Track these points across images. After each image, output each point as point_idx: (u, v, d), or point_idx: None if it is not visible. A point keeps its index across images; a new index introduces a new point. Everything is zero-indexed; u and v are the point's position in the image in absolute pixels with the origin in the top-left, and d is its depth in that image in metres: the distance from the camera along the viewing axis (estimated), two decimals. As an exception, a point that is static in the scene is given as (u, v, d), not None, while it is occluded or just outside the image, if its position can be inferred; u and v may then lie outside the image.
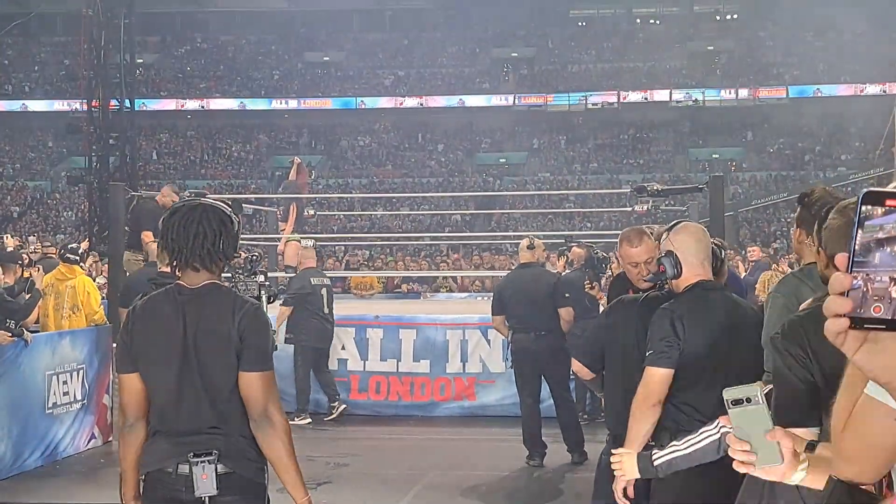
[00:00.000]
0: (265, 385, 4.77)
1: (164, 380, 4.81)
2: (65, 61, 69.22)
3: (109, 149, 35.54)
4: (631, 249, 7.05)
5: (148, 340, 4.87)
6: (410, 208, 48.34)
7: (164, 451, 4.80)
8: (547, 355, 12.33)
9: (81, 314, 14.07)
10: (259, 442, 4.77)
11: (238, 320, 4.75)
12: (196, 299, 4.82)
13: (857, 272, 1.71)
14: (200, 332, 4.78)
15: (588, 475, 7.61)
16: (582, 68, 73.49)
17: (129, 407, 4.94)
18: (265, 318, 4.95)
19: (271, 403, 4.77)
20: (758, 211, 54.15)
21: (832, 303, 1.74)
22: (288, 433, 4.81)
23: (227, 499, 4.74)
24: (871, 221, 1.70)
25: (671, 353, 5.63)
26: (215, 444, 4.73)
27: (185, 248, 4.79)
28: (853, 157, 62.35)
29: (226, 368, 4.76)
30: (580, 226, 47.06)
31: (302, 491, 4.86)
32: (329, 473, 11.89)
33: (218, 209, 4.90)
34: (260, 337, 4.81)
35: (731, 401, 3.09)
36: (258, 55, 75.62)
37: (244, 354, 4.74)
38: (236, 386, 4.75)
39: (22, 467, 12.05)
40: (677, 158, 67.92)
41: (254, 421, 4.75)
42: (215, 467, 4.69)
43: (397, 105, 71.59)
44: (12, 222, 59.09)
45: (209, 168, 70.05)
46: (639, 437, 5.70)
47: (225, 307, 4.81)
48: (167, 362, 4.80)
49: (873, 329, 1.73)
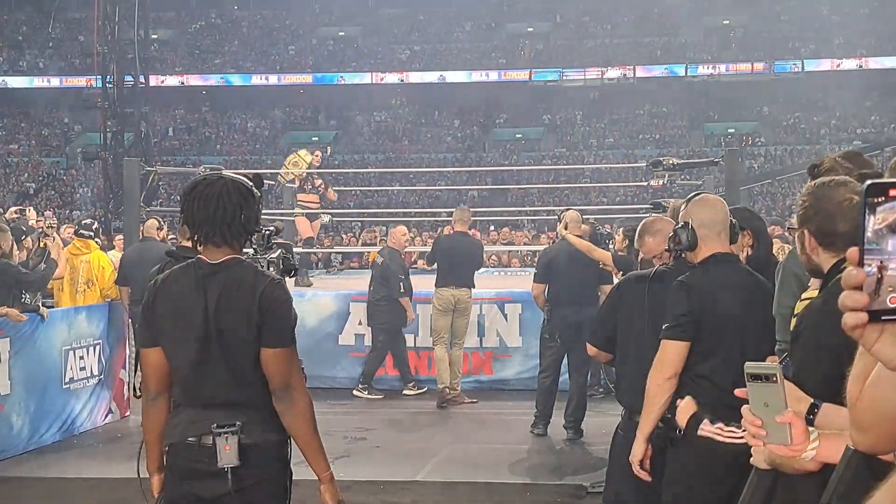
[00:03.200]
0: (286, 361, 4.76)
1: (186, 354, 4.80)
2: (79, 37, 69.15)
3: (124, 125, 35.56)
4: (649, 239, 7.14)
5: (169, 315, 4.85)
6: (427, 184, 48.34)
7: (187, 422, 4.82)
8: (584, 328, 12.32)
9: (96, 288, 14.14)
10: (281, 417, 4.77)
11: (259, 295, 4.72)
12: (217, 274, 4.79)
13: (868, 260, 1.69)
14: (221, 307, 4.76)
15: (605, 448, 7.60)
16: (598, 43, 73.25)
17: (151, 381, 4.95)
18: (286, 292, 4.89)
19: (293, 378, 4.77)
20: (773, 185, 54.06)
21: (847, 298, 1.72)
22: (310, 408, 4.81)
23: (249, 471, 4.73)
24: (879, 209, 1.69)
25: (687, 325, 5.61)
26: (237, 417, 4.74)
27: (206, 224, 4.77)
28: (869, 131, 62.16)
29: (247, 343, 4.74)
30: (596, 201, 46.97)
31: (324, 465, 4.85)
32: (347, 447, 11.92)
33: (238, 183, 4.86)
34: (281, 312, 4.78)
35: (751, 375, 3.09)
36: (272, 30, 75.51)
37: (265, 330, 4.72)
38: (258, 360, 4.74)
39: (39, 442, 12.11)
40: (693, 133, 67.73)
41: (275, 396, 4.75)
42: (238, 438, 4.69)
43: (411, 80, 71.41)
44: (28, 199, 59.07)
45: (224, 144, 70.01)
46: (655, 411, 5.69)
47: (246, 282, 4.78)
48: (188, 337, 4.78)
49: (890, 320, 1.72)
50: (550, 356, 12.72)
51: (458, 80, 70.73)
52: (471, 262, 14.63)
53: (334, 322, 15.61)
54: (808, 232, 3.99)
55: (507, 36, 74.28)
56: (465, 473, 10.83)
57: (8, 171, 66.25)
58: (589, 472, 10.78)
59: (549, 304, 12.68)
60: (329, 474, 4.86)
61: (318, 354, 14.62)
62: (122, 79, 35.42)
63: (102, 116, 35.67)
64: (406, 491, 10.19)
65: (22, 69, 72.70)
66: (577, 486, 10.30)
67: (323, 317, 15.41)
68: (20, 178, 65.48)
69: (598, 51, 72.04)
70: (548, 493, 10.15)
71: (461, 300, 14.33)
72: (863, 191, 1.69)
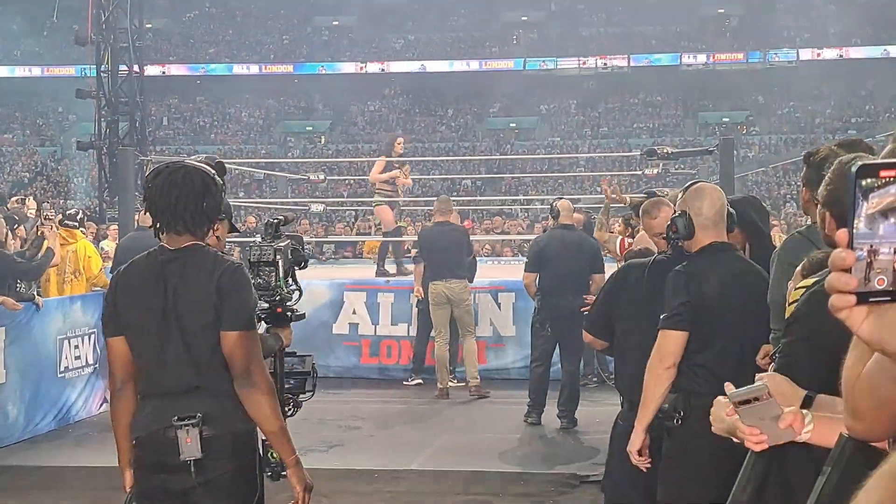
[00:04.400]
0: (245, 344, 4.71)
1: (147, 342, 4.80)
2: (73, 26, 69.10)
3: (119, 114, 35.44)
4: (651, 221, 7.13)
5: (130, 303, 4.85)
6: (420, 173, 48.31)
7: (151, 415, 4.81)
8: (576, 317, 12.32)
9: (83, 278, 14.14)
10: (242, 400, 4.71)
11: (217, 279, 4.70)
12: (176, 260, 4.77)
13: (859, 244, 1.69)
14: (180, 293, 4.75)
15: (599, 437, 7.61)
16: (592, 32, 73.21)
17: (116, 370, 4.94)
18: (245, 277, 4.87)
19: (253, 363, 4.72)
20: (767, 174, 54.06)
21: (836, 280, 1.72)
22: (271, 392, 4.77)
23: (214, 463, 4.71)
24: (871, 193, 1.68)
25: (685, 315, 5.62)
26: (200, 407, 4.71)
27: (168, 211, 4.76)
28: (864, 120, 62.20)
29: (206, 328, 4.72)
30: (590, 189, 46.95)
31: (288, 450, 4.82)
32: (340, 436, 11.95)
33: (200, 171, 4.84)
34: (240, 295, 4.76)
35: (740, 402, 3.09)
36: (267, 20, 75.43)
37: (224, 313, 4.70)
38: (218, 346, 4.72)
39: (34, 431, 12.12)
40: (687, 122, 67.80)
41: (237, 380, 4.70)
42: (199, 431, 4.66)
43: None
44: (23, 188, 58.99)
45: (219, 133, 70.03)
46: (654, 400, 5.70)
47: (205, 267, 4.75)
48: (149, 324, 4.78)
49: (878, 302, 1.72)
50: (542, 345, 12.72)
51: (452, 69, 70.71)
52: (456, 251, 14.31)
53: (328, 311, 15.60)
54: (830, 214, 3.99)
55: (502, 25, 74.20)
56: (460, 462, 10.83)
57: (2, 161, 66.32)
58: (583, 461, 10.79)
59: (540, 293, 12.65)
60: (294, 458, 4.82)
61: (313, 343, 14.56)
62: (116, 68, 35.30)
63: (97, 106, 35.53)
64: (400, 480, 10.20)
65: (16, 58, 72.62)
66: (570, 475, 10.30)
67: (317, 306, 15.38)
68: (14, 167, 65.46)
69: (592, 40, 72.03)
70: (541, 483, 10.15)
71: (454, 292, 14.13)
72: (853, 172, 1.69)
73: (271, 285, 5.63)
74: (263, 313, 5.78)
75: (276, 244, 5.63)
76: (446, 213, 14.62)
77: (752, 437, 3.10)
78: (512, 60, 71.45)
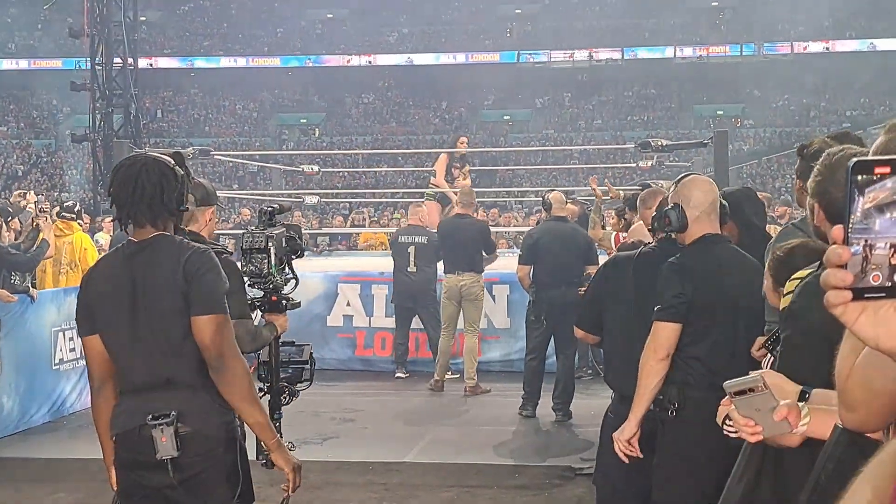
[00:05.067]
0: (217, 328, 4.61)
1: (119, 337, 4.75)
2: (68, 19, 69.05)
3: (113, 107, 35.45)
4: (647, 211, 7.16)
5: (100, 300, 4.81)
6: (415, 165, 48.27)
7: (127, 412, 4.74)
8: (570, 310, 12.33)
9: (79, 270, 14.13)
10: (217, 386, 4.63)
11: (183, 264, 4.63)
12: (142, 252, 4.72)
13: (855, 240, 1.69)
14: (147, 283, 4.68)
15: (594, 430, 7.62)
16: (586, 25, 73.21)
17: (93, 370, 4.88)
18: (212, 260, 4.74)
19: (226, 347, 4.63)
20: (762, 166, 54.09)
21: (831, 276, 1.72)
22: (245, 377, 4.67)
23: (191, 459, 4.65)
24: (867, 189, 1.68)
25: (679, 307, 5.62)
26: (174, 404, 4.64)
27: (128, 203, 4.71)
28: (858, 113, 62.24)
29: (174, 316, 4.64)
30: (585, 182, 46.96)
31: (269, 434, 4.77)
32: (335, 429, 11.95)
33: (160, 162, 4.78)
34: (207, 279, 4.65)
35: (735, 392, 3.09)
36: (261, 12, 75.37)
37: (192, 298, 4.61)
38: (190, 335, 4.63)
39: (29, 423, 12.12)
40: (682, 115, 67.82)
41: (211, 367, 4.61)
42: (175, 429, 4.58)
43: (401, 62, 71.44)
44: (17, 180, 59.01)
45: (213, 126, 70.01)
46: (648, 392, 5.70)
47: (170, 254, 4.68)
48: (119, 319, 4.72)
49: (873, 298, 1.72)
50: (536, 338, 12.72)
51: (445, 62, 70.72)
52: (472, 244, 14.19)
53: (322, 303, 15.60)
54: (819, 205, 3.98)
55: (496, 18, 74.17)
56: (454, 455, 10.83)
57: (-3, 153, 66.23)
58: (577, 453, 10.80)
59: (534, 285, 12.64)
60: (276, 441, 4.77)
61: (307, 336, 14.47)
62: (110, 61, 35.31)
63: (91, 98, 35.55)
64: (395, 472, 10.19)
65: (11, 51, 72.56)
66: (565, 467, 10.31)
67: (311, 298, 15.36)
68: (9, 160, 65.40)
69: (586, 32, 72.03)
70: (536, 475, 10.16)
71: (466, 286, 14.02)
72: (848, 169, 1.69)
73: (263, 272, 5.63)
74: (258, 301, 5.77)
75: (269, 232, 5.62)
76: (468, 205, 14.51)
77: (747, 428, 3.11)
78: (506, 53, 71.44)
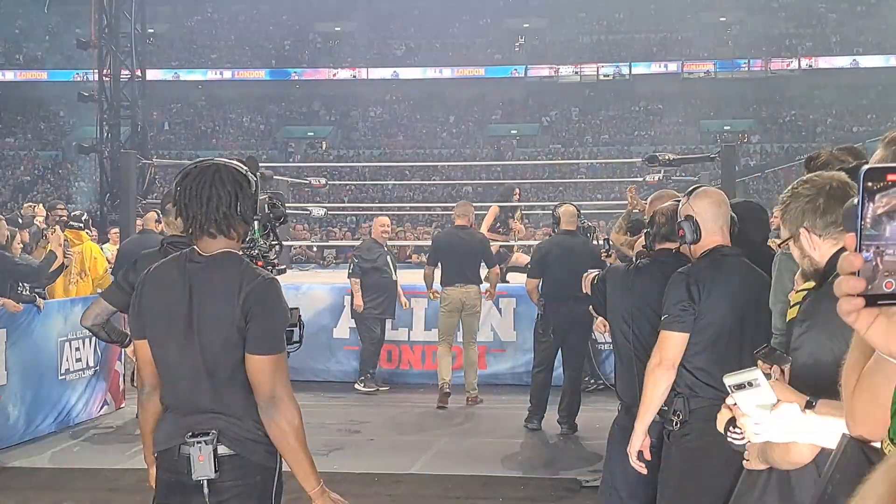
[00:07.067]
0: (272, 369, 4.43)
1: (167, 352, 4.57)
2: (76, 30, 69.20)
3: (121, 118, 35.50)
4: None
5: (154, 309, 4.60)
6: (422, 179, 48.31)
7: (168, 430, 4.59)
8: (578, 323, 12.31)
9: (88, 279, 14.20)
10: (266, 427, 4.44)
11: (243, 297, 4.41)
12: (206, 269, 4.51)
13: (866, 245, 1.69)
14: (205, 306, 4.48)
15: (600, 443, 7.62)
16: (594, 39, 73.27)
17: (144, 374, 4.75)
18: (276, 292, 4.52)
19: (279, 387, 4.43)
20: (768, 181, 54.05)
21: (844, 283, 1.72)
22: (297, 420, 4.46)
23: (229, 483, 4.48)
24: (879, 195, 1.69)
25: (686, 317, 5.63)
26: (215, 424, 4.47)
27: (200, 213, 4.48)
28: (865, 130, 62.19)
29: (226, 347, 4.45)
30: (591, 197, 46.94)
31: (313, 480, 4.52)
32: (341, 440, 11.95)
33: (232, 169, 4.58)
34: (267, 316, 4.44)
35: (734, 385, 3.11)
36: (269, 25, 75.46)
37: (249, 335, 4.41)
38: (240, 366, 4.45)
39: (35, 432, 12.12)
40: (688, 130, 67.73)
41: (260, 406, 4.43)
42: (214, 448, 4.42)
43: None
44: (24, 192, 59.10)
45: (220, 138, 70.02)
46: (654, 401, 5.71)
47: (232, 280, 4.45)
48: (170, 334, 4.54)
49: (886, 305, 1.72)
50: (544, 351, 12.72)
51: (454, 76, 70.78)
52: (472, 257, 14.22)
53: (329, 315, 15.61)
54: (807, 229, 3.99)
55: (504, 32, 74.19)
56: (460, 467, 10.83)
57: (4, 165, 66.28)
58: (583, 466, 10.81)
59: (543, 298, 12.66)
60: (319, 490, 4.52)
61: (313, 348, 14.59)
62: (118, 72, 35.37)
63: (98, 110, 35.60)
64: (400, 484, 10.20)
65: (19, 62, 72.69)
66: (571, 479, 10.31)
67: (318, 310, 15.40)
68: (16, 171, 65.49)
69: (594, 47, 72.07)
70: (542, 487, 10.17)
71: (469, 297, 14.04)
72: (860, 176, 1.69)
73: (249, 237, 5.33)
74: None
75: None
76: (463, 217, 14.49)
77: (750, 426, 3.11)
78: (513, 67, 71.49)
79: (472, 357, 14.10)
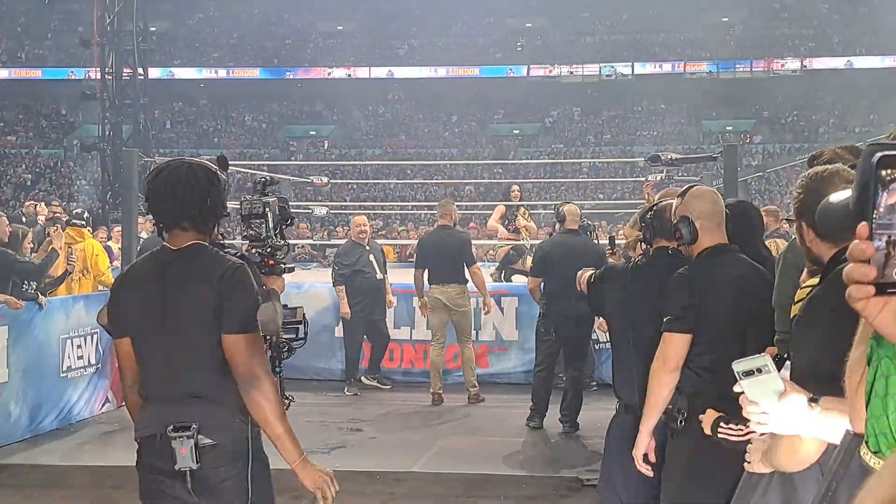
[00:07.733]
0: (249, 347, 4.63)
1: (146, 344, 4.78)
2: (78, 28, 69.20)
3: (122, 117, 35.54)
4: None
5: (131, 304, 4.82)
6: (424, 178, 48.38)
7: (149, 418, 4.76)
8: (580, 322, 12.29)
9: (90, 277, 14.20)
10: (246, 404, 4.62)
11: (216, 280, 4.64)
12: (177, 261, 4.74)
13: (878, 234, 1.68)
14: (179, 295, 4.70)
15: (601, 442, 7.61)
16: (596, 39, 73.26)
17: (125, 371, 4.91)
18: (247, 277, 4.75)
19: (256, 365, 4.63)
20: (770, 182, 54.05)
21: (854, 271, 1.72)
22: (275, 395, 4.65)
23: (210, 472, 4.66)
24: (891, 184, 1.68)
25: (688, 317, 5.62)
26: (196, 416, 4.64)
27: (174, 207, 4.72)
28: (867, 130, 62.18)
29: (203, 331, 4.65)
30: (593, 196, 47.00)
31: (294, 453, 4.68)
32: (342, 438, 11.94)
33: (204, 166, 4.83)
34: (241, 297, 4.67)
35: (743, 372, 3.11)
36: (271, 24, 75.46)
37: (224, 316, 4.62)
38: (216, 350, 4.64)
39: (37, 430, 12.11)
40: (690, 130, 67.78)
41: (240, 384, 4.62)
42: (195, 441, 4.60)
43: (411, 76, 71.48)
44: (26, 190, 59.11)
45: (222, 137, 70.06)
46: (658, 403, 5.70)
47: (204, 268, 4.70)
48: (147, 326, 4.75)
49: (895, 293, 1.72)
50: (546, 350, 12.71)
51: (456, 75, 70.77)
52: (456, 256, 14.13)
53: (331, 314, 15.58)
54: (806, 224, 3.97)
55: (506, 31, 74.20)
56: (461, 465, 10.81)
57: (6, 163, 66.29)
58: (585, 465, 10.79)
59: (545, 298, 12.65)
60: (301, 461, 4.68)
61: (315, 346, 14.56)
62: (120, 71, 35.39)
63: (100, 108, 35.63)
64: (401, 482, 10.18)
65: (21, 60, 72.69)
66: (573, 478, 10.30)
67: (319, 309, 15.38)
68: (17, 169, 65.49)
69: (596, 47, 72.06)
70: (544, 486, 10.15)
71: (452, 297, 14.03)
72: (873, 163, 1.68)
73: (262, 236, 5.75)
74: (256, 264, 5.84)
75: (265, 199, 5.76)
76: (445, 216, 14.48)
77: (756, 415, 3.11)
78: (515, 67, 71.49)
79: (468, 355, 14.11)
